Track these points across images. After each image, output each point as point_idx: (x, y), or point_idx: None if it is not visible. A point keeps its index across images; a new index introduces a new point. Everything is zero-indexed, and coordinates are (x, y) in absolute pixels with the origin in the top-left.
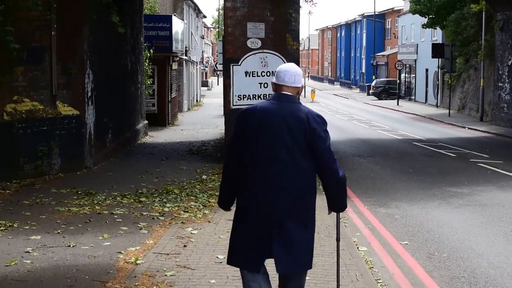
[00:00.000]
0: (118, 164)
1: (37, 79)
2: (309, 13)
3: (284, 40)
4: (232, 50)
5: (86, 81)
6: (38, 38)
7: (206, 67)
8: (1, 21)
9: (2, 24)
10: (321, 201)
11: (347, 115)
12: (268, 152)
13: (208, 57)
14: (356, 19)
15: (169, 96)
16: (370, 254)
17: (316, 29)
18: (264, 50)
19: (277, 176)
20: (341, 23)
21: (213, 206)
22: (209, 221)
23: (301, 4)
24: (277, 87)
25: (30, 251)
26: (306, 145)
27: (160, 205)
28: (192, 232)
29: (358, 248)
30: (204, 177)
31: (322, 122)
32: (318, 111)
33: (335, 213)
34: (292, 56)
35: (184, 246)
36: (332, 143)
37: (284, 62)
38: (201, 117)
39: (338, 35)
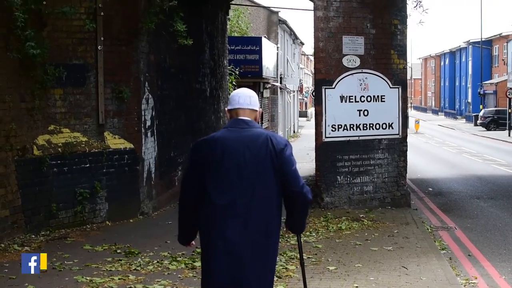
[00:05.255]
0: None
1: (80, 105)
2: (420, 22)
3: (388, 57)
4: (324, 69)
5: (143, 107)
6: (81, 54)
7: (305, 97)
8: (31, 32)
9: (31, 37)
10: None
11: (456, 147)
12: (232, 184)
13: (307, 87)
14: (461, 46)
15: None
16: None
17: (419, 58)
18: (364, 70)
19: (244, 209)
20: (444, 51)
21: (291, 277)
22: None
23: (408, 12)
24: (232, 113)
25: None
26: (273, 171)
27: None
28: None
29: None
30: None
31: (286, 144)
32: (423, 142)
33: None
34: (398, 77)
35: None
36: (444, 180)
37: (388, 84)
38: (296, 150)
39: (442, 64)
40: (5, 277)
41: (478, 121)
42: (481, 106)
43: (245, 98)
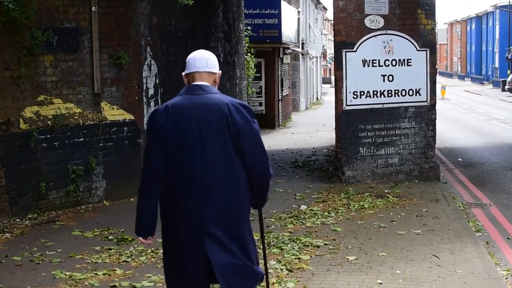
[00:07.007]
0: None
1: (73, 72)
2: None
3: (414, 17)
4: (345, 31)
5: (144, 74)
6: (74, 16)
7: (329, 63)
8: None
9: None
10: None
11: (484, 114)
12: (188, 157)
13: (331, 53)
14: (488, 10)
15: (280, 94)
16: None
17: (444, 23)
18: (388, 31)
19: (202, 183)
20: (471, 16)
21: (304, 270)
22: None
23: None
24: (188, 78)
25: None
26: (232, 141)
27: None
28: None
29: None
30: (303, 207)
31: (247, 111)
32: (450, 109)
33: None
34: (426, 38)
35: None
36: (474, 149)
37: (415, 47)
38: (319, 117)
39: (468, 29)
40: None
41: (506, 87)
42: (508, 71)
43: (201, 61)
